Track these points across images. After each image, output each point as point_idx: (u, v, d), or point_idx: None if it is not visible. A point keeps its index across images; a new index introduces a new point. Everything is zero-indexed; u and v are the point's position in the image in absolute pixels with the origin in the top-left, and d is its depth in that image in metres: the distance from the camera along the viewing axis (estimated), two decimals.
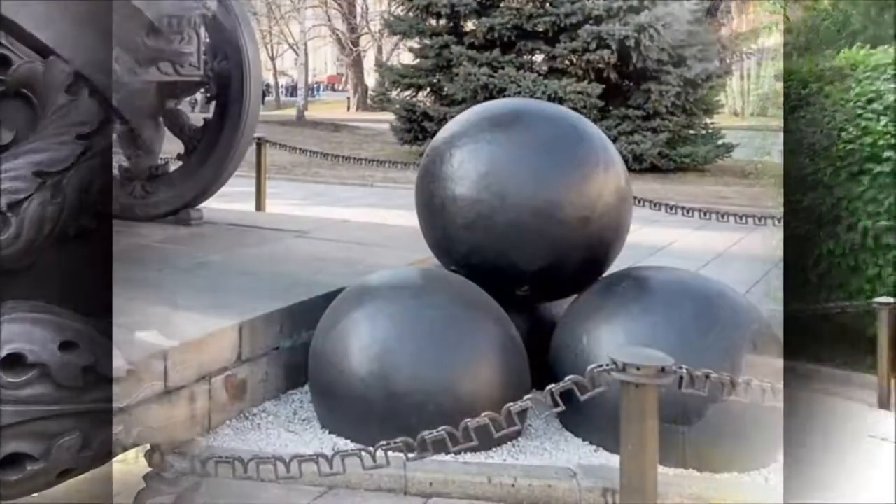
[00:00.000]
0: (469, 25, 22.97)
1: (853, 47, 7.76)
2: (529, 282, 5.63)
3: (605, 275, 5.67)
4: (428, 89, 24.17)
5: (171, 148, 8.90)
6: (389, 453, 3.88)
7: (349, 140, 28.59)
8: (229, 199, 10.14)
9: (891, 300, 5.99)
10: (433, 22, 23.50)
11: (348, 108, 54.50)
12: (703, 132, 22.14)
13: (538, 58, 22.25)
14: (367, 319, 5.06)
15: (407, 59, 28.26)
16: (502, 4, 22.57)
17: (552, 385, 3.74)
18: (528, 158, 5.55)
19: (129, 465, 4.17)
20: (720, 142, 21.93)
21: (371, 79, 50.17)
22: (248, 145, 8.46)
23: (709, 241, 11.59)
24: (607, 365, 3.58)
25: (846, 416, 5.89)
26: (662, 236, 11.73)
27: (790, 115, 7.46)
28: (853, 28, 10.13)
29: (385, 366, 4.87)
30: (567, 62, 21.64)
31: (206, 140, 8.23)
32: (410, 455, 3.88)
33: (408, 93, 24.52)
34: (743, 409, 4.36)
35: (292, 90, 63.72)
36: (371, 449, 3.89)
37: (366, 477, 4.39)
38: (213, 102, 8.29)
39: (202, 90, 8.42)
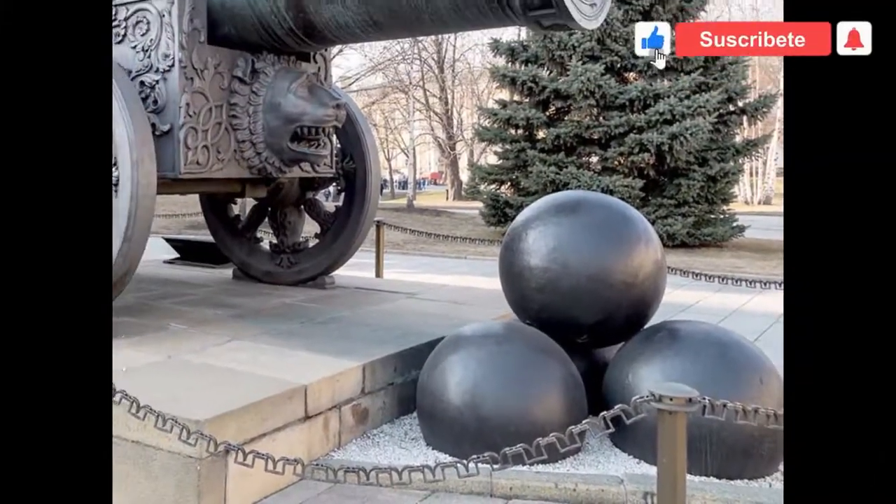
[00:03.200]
0: (540, 134, 23.03)
1: None
2: (587, 332, 5.62)
3: (645, 327, 5.63)
4: (509, 183, 24.17)
5: (310, 229, 9.02)
6: (479, 464, 3.90)
7: (448, 223, 28.64)
8: (355, 269, 10.25)
9: None
10: (513, 131, 23.57)
11: (447, 198, 54.67)
12: (722, 216, 21.90)
13: (594, 159, 22.20)
14: (461, 361, 5.08)
15: (492, 160, 28.21)
16: (566, 118, 22.66)
17: (605, 412, 3.73)
18: (586, 237, 5.56)
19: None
20: (735, 224, 21.70)
21: (465, 175, 50.32)
22: (370, 227, 8.53)
23: (726, 301, 11.43)
24: (647, 396, 3.57)
25: None
26: (690, 297, 11.60)
27: None
28: None
29: (475, 397, 4.88)
30: (616, 162, 21.60)
31: (337, 223, 8.33)
32: (495, 466, 3.89)
33: (493, 186, 24.53)
34: (752, 430, 4.34)
35: (403, 184, 64.13)
36: (464, 461, 3.91)
37: (460, 483, 4.41)
38: (343, 194, 8.40)
39: (334, 184, 8.53)
